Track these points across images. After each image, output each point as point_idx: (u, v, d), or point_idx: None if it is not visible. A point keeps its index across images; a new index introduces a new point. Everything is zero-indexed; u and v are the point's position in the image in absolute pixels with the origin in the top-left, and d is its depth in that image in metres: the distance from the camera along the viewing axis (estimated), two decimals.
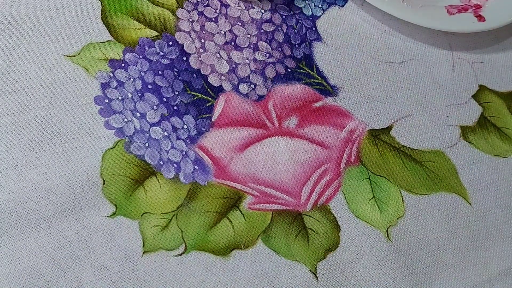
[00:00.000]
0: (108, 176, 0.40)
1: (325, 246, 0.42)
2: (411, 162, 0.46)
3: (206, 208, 0.41)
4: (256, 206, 0.42)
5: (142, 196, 0.40)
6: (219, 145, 0.43)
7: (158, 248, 0.39)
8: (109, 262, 0.38)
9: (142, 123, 0.42)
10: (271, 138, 0.44)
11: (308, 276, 0.41)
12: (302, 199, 0.43)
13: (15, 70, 0.41)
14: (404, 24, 0.50)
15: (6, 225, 0.37)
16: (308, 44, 0.49)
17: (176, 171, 0.41)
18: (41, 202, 0.38)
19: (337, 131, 0.46)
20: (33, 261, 0.37)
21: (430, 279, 0.43)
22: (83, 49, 0.43)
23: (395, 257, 0.43)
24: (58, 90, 0.41)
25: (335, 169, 0.45)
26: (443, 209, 0.45)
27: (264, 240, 0.41)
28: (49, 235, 0.37)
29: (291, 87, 0.47)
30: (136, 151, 0.41)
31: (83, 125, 0.41)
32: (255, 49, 0.47)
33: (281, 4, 0.49)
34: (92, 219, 0.38)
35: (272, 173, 0.43)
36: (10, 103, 0.40)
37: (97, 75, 0.42)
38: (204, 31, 0.46)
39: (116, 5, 0.45)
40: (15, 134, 0.39)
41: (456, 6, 0.52)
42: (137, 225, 0.39)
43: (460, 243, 0.45)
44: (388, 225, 0.44)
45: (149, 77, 0.43)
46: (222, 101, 0.45)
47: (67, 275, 0.37)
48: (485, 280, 0.44)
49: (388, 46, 0.51)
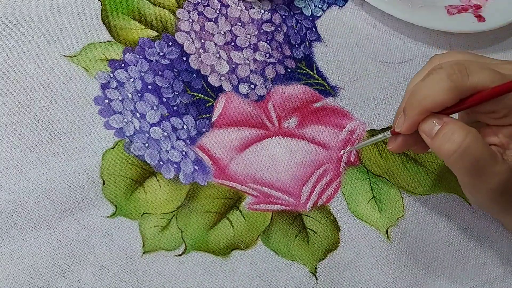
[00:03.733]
0: (108, 176, 0.40)
1: (325, 246, 0.42)
2: (411, 162, 0.46)
3: (206, 209, 0.41)
4: (256, 206, 0.42)
5: (142, 196, 0.40)
6: (219, 145, 0.43)
7: (158, 248, 0.39)
8: (109, 262, 0.38)
9: (142, 124, 0.42)
10: (271, 138, 0.44)
11: (307, 277, 0.41)
12: (302, 200, 0.43)
13: (15, 70, 0.41)
14: (404, 24, 0.50)
15: (6, 225, 0.37)
16: (308, 44, 0.49)
17: (176, 172, 0.41)
18: (41, 202, 0.38)
19: (337, 131, 0.46)
20: (33, 261, 0.37)
21: (430, 279, 0.43)
22: (83, 49, 0.43)
23: (395, 257, 0.43)
24: (58, 90, 0.41)
25: (335, 170, 0.45)
26: (443, 209, 0.45)
27: (264, 240, 0.41)
28: (49, 235, 0.37)
29: (291, 87, 0.47)
30: (136, 151, 0.41)
31: (83, 126, 0.41)
32: (255, 49, 0.47)
33: (281, 4, 0.49)
34: (92, 219, 0.39)
35: (272, 174, 0.43)
36: (10, 103, 0.40)
37: (97, 75, 0.42)
38: (204, 32, 0.46)
39: (116, 6, 0.45)
40: (15, 134, 0.39)
41: (456, 6, 0.52)
42: (137, 225, 0.39)
43: (460, 243, 0.45)
44: (388, 225, 0.44)
45: (149, 77, 0.43)
46: (222, 102, 0.45)
47: (67, 275, 0.37)
48: (485, 280, 0.44)
49: (388, 46, 0.51)
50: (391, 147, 0.40)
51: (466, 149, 0.35)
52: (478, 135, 0.35)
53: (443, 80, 0.35)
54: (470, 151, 0.35)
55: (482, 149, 0.35)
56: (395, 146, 0.40)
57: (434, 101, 0.36)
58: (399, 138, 0.40)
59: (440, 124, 0.36)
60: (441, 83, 0.35)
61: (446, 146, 0.35)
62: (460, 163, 0.35)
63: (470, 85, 0.35)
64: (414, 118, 0.37)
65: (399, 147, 0.40)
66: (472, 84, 0.35)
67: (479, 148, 0.35)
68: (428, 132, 0.36)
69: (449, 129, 0.35)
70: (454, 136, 0.35)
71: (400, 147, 0.40)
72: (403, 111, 0.38)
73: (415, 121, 0.37)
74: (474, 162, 0.35)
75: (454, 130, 0.35)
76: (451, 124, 0.35)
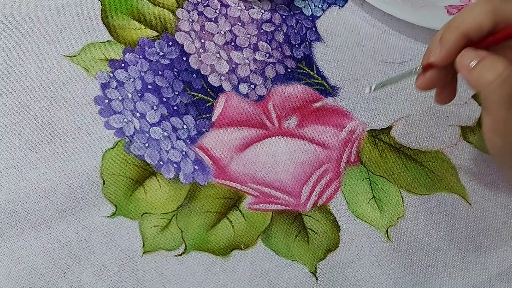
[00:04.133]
0: (108, 176, 0.40)
1: (325, 246, 0.42)
2: (411, 162, 0.46)
3: (206, 208, 0.41)
4: (256, 206, 0.42)
5: (142, 196, 0.40)
6: (219, 145, 0.43)
7: (158, 248, 0.39)
8: (109, 262, 0.38)
9: (142, 123, 0.42)
10: (271, 138, 0.44)
11: (308, 276, 0.41)
12: (302, 199, 0.43)
13: (15, 70, 0.41)
14: (404, 24, 0.50)
15: (6, 225, 0.37)
16: (308, 44, 0.49)
17: (176, 171, 0.41)
18: (41, 202, 0.38)
19: (337, 131, 0.46)
20: (33, 261, 0.37)
21: (430, 279, 0.43)
22: (83, 49, 0.43)
23: (395, 257, 0.43)
24: (58, 90, 0.41)
25: (335, 169, 0.45)
26: (443, 209, 0.46)
27: (264, 240, 0.41)
28: (49, 235, 0.37)
29: (291, 87, 0.47)
30: (136, 151, 0.41)
31: (83, 125, 0.41)
32: (255, 49, 0.47)
33: (281, 4, 0.49)
34: (92, 219, 0.39)
35: (272, 173, 0.43)
36: (10, 103, 0.40)
37: (97, 75, 0.42)
38: (204, 31, 0.46)
39: (116, 5, 0.45)
40: (15, 134, 0.39)
41: (456, 6, 0.52)
42: (137, 225, 0.39)
43: (460, 243, 0.45)
44: (388, 225, 0.44)
45: (149, 77, 0.43)
46: (222, 101, 0.45)
47: (67, 275, 0.37)
48: (485, 280, 0.44)
49: (388, 46, 0.51)
50: (420, 82, 0.39)
51: (506, 79, 0.34)
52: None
53: (483, 3, 0.36)
54: (510, 82, 0.34)
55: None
56: (424, 81, 0.39)
57: (473, 25, 0.36)
58: (429, 72, 0.38)
59: (479, 56, 0.36)
60: (480, 6, 0.36)
61: (487, 75, 0.35)
62: (499, 92, 0.35)
63: (508, 12, 0.36)
64: (452, 44, 0.36)
65: (429, 82, 0.39)
66: (510, 11, 0.36)
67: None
68: (466, 64, 0.36)
69: (490, 59, 0.35)
70: (495, 66, 0.35)
71: (429, 83, 0.39)
72: (439, 40, 0.37)
73: (452, 47, 0.36)
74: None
75: (495, 60, 0.35)
76: (492, 56, 0.35)
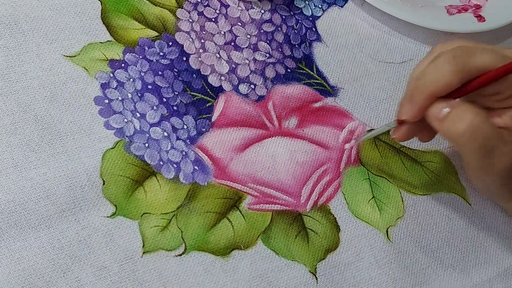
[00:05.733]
0: (108, 176, 0.40)
1: (325, 246, 0.42)
2: (411, 162, 0.46)
3: (206, 209, 0.41)
4: (256, 206, 0.42)
5: (142, 196, 0.40)
6: (219, 145, 0.43)
7: (158, 248, 0.39)
8: (109, 262, 0.38)
9: (142, 124, 0.42)
10: (271, 138, 0.44)
11: (307, 277, 0.41)
12: (302, 200, 0.43)
13: (15, 70, 0.41)
14: (404, 24, 0.50)
15: (6, 225, 0.37)
16: (308, 44, 0.49)
17: (176, 172, 0.41)
18: (41, 202, 0.38)
19: (337, 131, 0.46)
20: (33, 261, 0.37)
21: (430, 279, 0.43)
22: (83, 49, 0.43)
23: (395, 257, 0.43)
24: (58, 91, 0.41)
25: (335, 170, 0.45)
26: (443, 209, 0.46)
27: (264, 240, 0.41)
28: (49, 235, 0.37)
29: (291, 87, 0.47)
30: (136, 151, 0.41)
31: (83, 125, 0.41)
32: (255, 50, 0.47)
33: (281, 4, 0.49)
34: (92, 219, 0.39)
35: (272, 174, 0.43)
36: (10, 103, 0.40)
37: (97, 75, 0.42)
38: (204, 32, 0.46)
39: (116, 5, 0.45)
40: (15, 134, 0.39)
41: (456, 6, 0.52)
42: (137, 225, 0.39)
43: (460, 243, 0.45)
44: (388, 225, 0.44)
45: (149, 77, 0.43)
46: (222, 102, 0.45)
47: (67, 275, 0.37)
48: (485, 280, 0.44)
49: (388, 46, 0.51)
50: (396, 136, 0.40)
51: (476, 129, 0.35)
52: (486, 116, 0.35)
53: (448, 62, 0.36)
54: (481, 131, 0.35)
55: (491, 129, 0.35)
56: (400, 134, 0.40)
57: (441, 84, 0.36)
58: (404, 126, 0.39)
59: (449, 107, 0.36)
60: (446, 65, 0.36)
61: (457, 126, 0.35)
62: (471, 143, 0.35)
63: (475, 66, 0.36)
64: (422, 103, 0.37)
65: (405, 135, 0.40)
66: (476, 65, 0.36)
67: (489, 129, 0.35)
68: (437, 115, 0.36)
69: (460, 110, 0.35)
70: (465, 116, 0.35)
71: (406, 135, 0.40)
72: (409, 98, 0.38)
73: (422, 106, 0.37)
74: (484, 142, 0.35)
75: (464, 110, 0.35)
76: (461, 106, 0.36)
